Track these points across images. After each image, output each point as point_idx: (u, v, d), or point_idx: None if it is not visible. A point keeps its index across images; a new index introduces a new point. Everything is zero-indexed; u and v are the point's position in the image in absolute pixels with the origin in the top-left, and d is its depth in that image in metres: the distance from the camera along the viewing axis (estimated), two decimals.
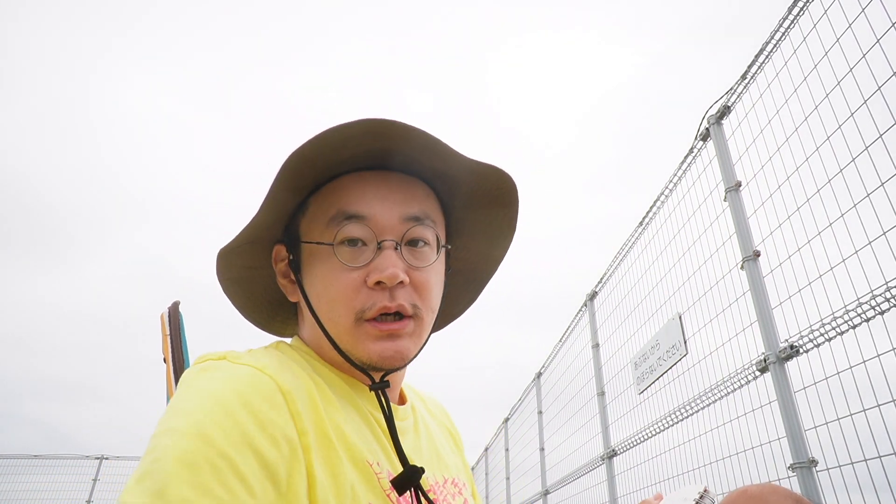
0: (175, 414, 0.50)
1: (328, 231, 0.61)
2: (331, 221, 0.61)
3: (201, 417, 0.49)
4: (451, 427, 0.86)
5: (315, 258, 0.63)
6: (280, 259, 0.68)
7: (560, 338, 4.70)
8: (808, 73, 1.83)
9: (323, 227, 0.62)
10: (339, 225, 0.61)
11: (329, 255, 0.61)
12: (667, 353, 2.61)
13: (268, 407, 0.52)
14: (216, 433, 0.48)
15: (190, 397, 0.52)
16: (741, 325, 2.10)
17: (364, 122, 0.56)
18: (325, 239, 0.62)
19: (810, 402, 1.74)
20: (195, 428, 0.48)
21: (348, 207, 0.61)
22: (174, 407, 0.52)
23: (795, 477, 1.75)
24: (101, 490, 8.06)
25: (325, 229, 0.62)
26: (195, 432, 0.48)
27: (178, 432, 0.48)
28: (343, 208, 0.61)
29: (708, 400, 2.30)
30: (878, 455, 1.50)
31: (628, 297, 3.24)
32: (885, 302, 1.49)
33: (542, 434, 5.08)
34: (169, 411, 0.52)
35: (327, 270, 0.61)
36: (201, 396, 0.51)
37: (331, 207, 0.62)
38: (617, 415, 3.35)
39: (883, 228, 1.50)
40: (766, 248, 2.03)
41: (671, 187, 2.78)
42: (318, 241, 0.62)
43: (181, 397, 0.53)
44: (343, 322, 0.61)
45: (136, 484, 0.46)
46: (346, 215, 0.61)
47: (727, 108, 2.34)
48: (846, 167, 1.64)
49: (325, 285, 0.61)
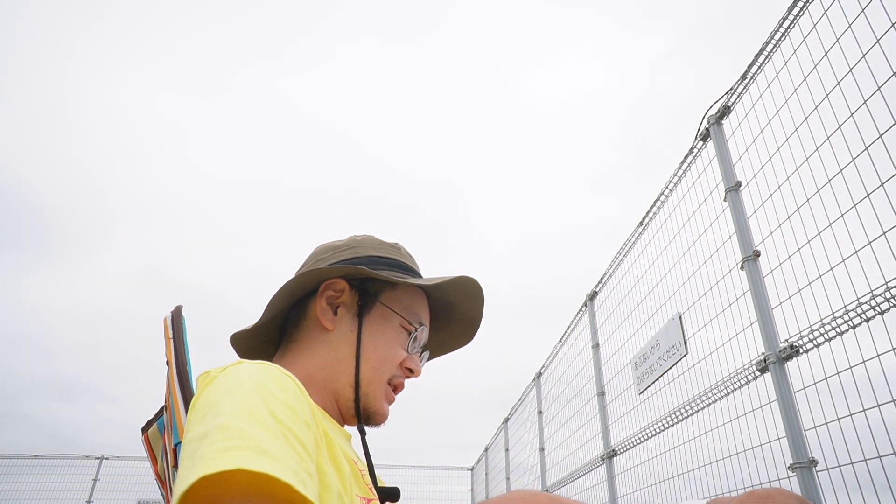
0: (223, 399, 0.52)
1: (409, 317, 0.84)
2: (411, 314, 0.85)
3: (251, 396, 0.52)
4: None
5: (388, 323, 0.83)
6: (337, 290, 0.83)
7: (560, 338, 4.71)
8: (808, 74, 1.83)
9: (404, 312, 0.84)
10: (416, 322, 0.85)
11: (398, 329, 0.83)
12: (667, 353, 2.61)
13: (295, 398, 0.57)
14: (273, 404, 0.53)
15: (230, 386, 0.54)
16: (741, 325, 2.10)
17: (473, 285, 0.89)
18: (402, 320, 0.85)
19: (810, 402, 1.74)
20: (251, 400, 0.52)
21: (423, 318, 0.87)
22: (214, 399, 0.52)
23: (795, 477, 1.76)
24: (101, 490, 8.06)
25: (407, 315, 0.84)
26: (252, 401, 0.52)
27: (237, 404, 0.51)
28: (421, 316, 0.87)
29: (708, 400, 2.30)
30: (878, 455, 1.50)
31: (628, 298, 3.24)
32: (884, 302, 1.50)
33: (542, 434, 5.09)
34: (208, 405, 0.52)
35: (394, 338, 0.83)
36: (241, 383, 0.54)
37: (413, 306, 0.86)
38: (617, 415, 3.35)
39: (883, 228, 1.50)
40: (766, 248, 2.03)
41: (671, 187, 2.78)
42: (407, 318, 0.84)
43: (219, 390, 0.54)
44: (382, 377, 0.81)
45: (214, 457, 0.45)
46: (420, 321, 0.86)
47: (727, 108, 2.34)
48: (846, 167, 1.64)
49: (387, 346, 0.81)
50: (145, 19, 19.04)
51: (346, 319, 0.81)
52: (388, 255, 0.87)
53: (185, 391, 0.72)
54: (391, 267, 0.85)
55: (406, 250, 0.92)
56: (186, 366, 0.75)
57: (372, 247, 0.88)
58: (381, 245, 0.89)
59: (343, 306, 0.82)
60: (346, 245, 0.88)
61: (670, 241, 2.74)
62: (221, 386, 0.54)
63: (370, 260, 0.85)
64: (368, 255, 0.86)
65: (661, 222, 2.88)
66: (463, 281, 0.86)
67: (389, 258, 0.87)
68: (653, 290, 2.90)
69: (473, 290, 0.89)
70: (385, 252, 0.88)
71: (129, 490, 8.02)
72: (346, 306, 0.82)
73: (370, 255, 0.86)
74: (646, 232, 3.08)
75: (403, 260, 0.89)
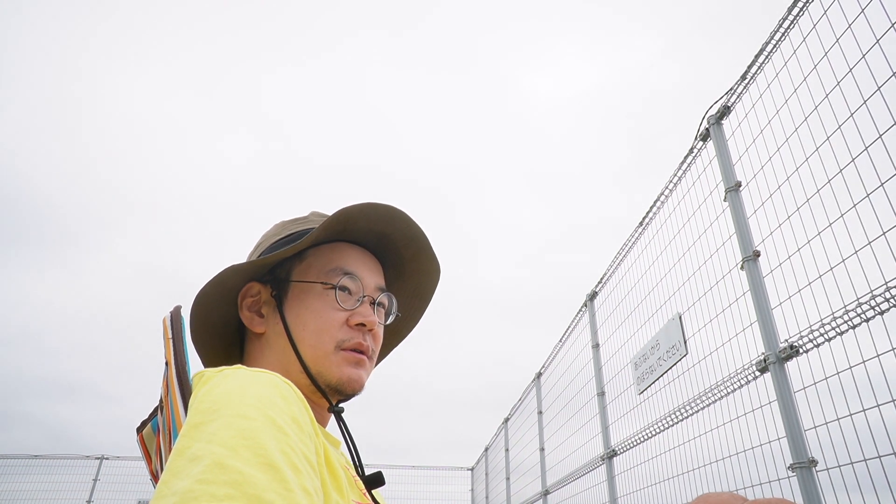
0: (223, 419, 0.50)
1: (325, 278, 0.78)
2: (330, 272, 0.78)
3: (254, 420, 0.50)
4: None
5: (308, 294, 0.77)
6: (251, 295, 0.80)
7: (560, 338, 4.71)
8: (808, 74, 1.83)
9: (320, 275, 0.78)
10: (337, 276, 0.78)
11: (322, 294, 0.77)
12: (667, 353, 2.61)
13: (299, 409, 0.57)
14: (279, 419, 0.52)
15: (229, 399, 0.52)
16: (741, 325, 2.10)
17: (377, 208, 0.78)
18: (319, 285, 0.78)
19: (810, 402, 1.74)
20: (261, 407, 0.51)
21: (346, 266, 0.79)
22: (213, 409, 0.51)
23: (795, 477, 1.76)
24: (101, 490, 8.07)
25: (324, 277, 0.78)
26: (263, 409, 0.51)
27: (245, 417, 0.50)
28: (342, 266, 0.79)
29: (708, 400, 2.30)
30: (878, 455, 1.50)
31: (628, 298, 3.24)
32: (884, 302, 1.50)
33: (542, 434, 5.09)
34: (205, 414, 0.51)
35: (320, 305, 0.77)
36: (243, 397, 0.53)
37: (330, 262, 0.79)
38: (617, 415, 3.35)
39: (883, 228, 1.50)
40: (766, 248, 2.03)
41: (671, 187, 2.78)
42: (321, 281, 0.77)
43: (219, 400, 0.52)
44: (325, 348, 0.75)
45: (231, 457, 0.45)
46: (344, 271, 0.78)
47: (727, 109, 2.34)
48: (846, 167, 1.64)
49: (315, 317, 0.76)
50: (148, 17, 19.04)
51: (271, 315, 0.79)
52: (290, 232, 0.83)
53: (185, 392, 0.72)
54: (294, 241, 0.80)
55: (319, 213, 0.86)
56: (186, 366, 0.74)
57: (275, 233, 0.84)
58: (285, 225, 0.85)
59: (265, 305, 0.80)
60: (256, 244, 0.86)
61: (670, 241, 2.75)
62: (222, 397, 0.52)
63: (271, 247, 0.82)
64: (271, 243, 0.83)
65: (662, 222, 2.88)
66: (364, 207, 0.77)
67: (292, 233, 0.83)
68: (653, 290, 2.91)
69: (387, 211, 0.79)
70: (287, 230, 0.84)
71: (129, 490, 8.04)
72: (267, 303, 0.80)
73: (272, 242, 0.83)
74: (646, 232, 3.08)
75: (312, 225, 0.83)
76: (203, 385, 0.56)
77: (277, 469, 0.46)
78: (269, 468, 0.46)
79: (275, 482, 0.45)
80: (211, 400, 0.52)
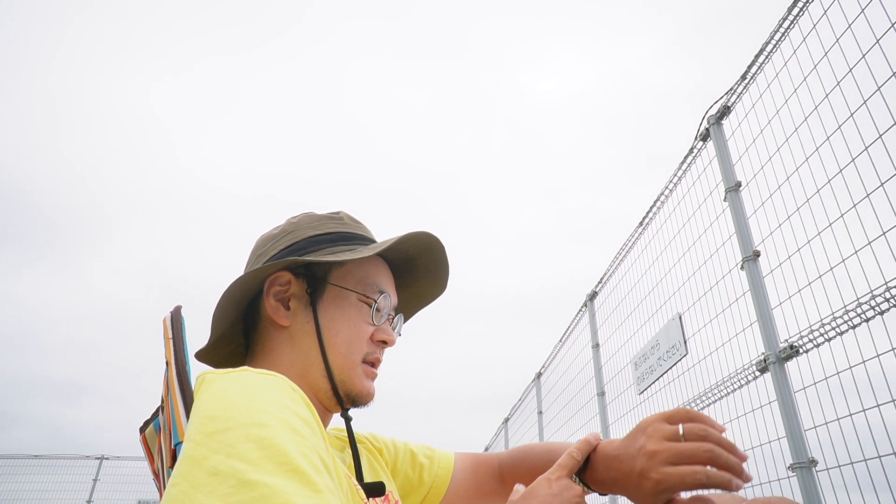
0: (238, 426, 0.50)
1: (364, 290, 0.80)
2: (368, 286, 0.80)
3: (271, 427, 0.50)
4: (378, 446, 0.94)
5: (344, 301, 0.78)
6: (282, 284, 0.78)
7: (560, 338, 4.71)
8: (808, 74, 1.83)
9: (358, 285, 0.80)
10: (374, 292, 0.80)
11: (357, 305, 0.79)
12: (667, 353, 2.61)
13: (307, 411, 0.57)
14: (294, 422, 0.52)
15: (240, 403, 0.52)
16: (741, 325, 2.10)
17: (427, 238, 0.83)
18: (358, 295, 0.80)
19: (810, 402, 1.74)
20: (273, 416, 0.51)
21: (382, 284, 0.82)
22: (228, 413, 0.51)
23: (795, 477, 1.76)
24: (101, 490, 8.07)
25: (362, 288, 0.80)
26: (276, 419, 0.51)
27: (260, 425, 0.49)
28: (379, 283, 0.81)
29: (708, 400, 2.30)
30: (878, 455, 1.50)
31: (628, 298, 3.24)
32: (884, 302, 1.50)
33: (542, 434, 5.08)
34: (222, 418, 0.50)
35: (355, 315, 0.78)
36: (254, 401, 0.52)
37: (368, 276, 0.81)
38: (617, 415, 3.35)
39: (883, 228, 1.50)
40: (766, 248, 2.03)
41: (671, 187, 2.78)
42: (360, 292, 0.79)
43: (231, 402, 0.52)
44: (355, 359, 0.77)
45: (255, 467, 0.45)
46: (380, 289, 0.81)
47: (727, 109, 2.34)
48: (846, 167, 1.64)
49: (348, 326, 0.77)
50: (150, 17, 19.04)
51: (300, 311, 0.77)
52: (328, 231, 0.82)
53: (185, 393, 0.72)
54: (333, 242, 0.80)
55: (350, 216, 0.86)
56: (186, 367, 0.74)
57: (310, 226, 0.82)
58: (320, 220, 0.83)
59: (294, 298, 0.78)
60: (284, 231, 0.83)
61: (670, 241, 2.75)
62: (233, 403, 0.52)
63: (309, 241, 0.80)
64: (307, 236, 0.81)
65: (662, 222, 2.88)
66: (413, 236, 0.81)
67: (330, 233, 0.81)
68: (653, 291, 2.90)
69: (428, 241, 0.84)
70: (325, 227, 0.82)
71: (130, 490, 8.04)
72: (297, 297, 0.78)
73: (308, 236, 0.81)
74: (646, 232, 3.08)
75: (347, 230, 0.83)
76: (208, 387, 0.55)
77: (303, 473, 0.47)
78: (294, 473, 0.46)
79: (303, 486, 0.46)
80: (222, 406, 0.52)
